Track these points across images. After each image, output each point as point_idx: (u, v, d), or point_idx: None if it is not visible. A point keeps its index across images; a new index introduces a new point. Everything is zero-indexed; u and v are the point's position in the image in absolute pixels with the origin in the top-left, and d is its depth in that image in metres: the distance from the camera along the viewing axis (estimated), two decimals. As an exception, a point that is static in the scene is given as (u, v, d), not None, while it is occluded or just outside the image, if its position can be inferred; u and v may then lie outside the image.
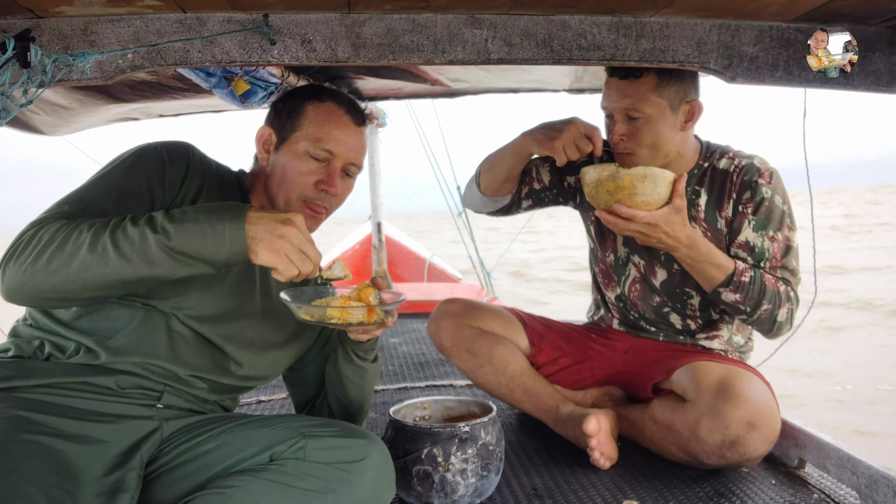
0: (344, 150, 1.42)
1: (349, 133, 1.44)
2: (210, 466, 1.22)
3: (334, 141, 1.42)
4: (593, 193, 1.63)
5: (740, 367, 1.73)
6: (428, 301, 3.79)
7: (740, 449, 1.57)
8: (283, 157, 1.42)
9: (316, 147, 1.40)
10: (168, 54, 1.34)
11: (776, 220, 1.76)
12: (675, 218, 1.61)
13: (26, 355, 1.23)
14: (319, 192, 1.41)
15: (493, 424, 1.54)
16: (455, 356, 2.02)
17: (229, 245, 1.12)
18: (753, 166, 1.78)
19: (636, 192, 1.57)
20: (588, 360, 2.01)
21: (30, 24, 1.28)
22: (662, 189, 1.59)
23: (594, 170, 1.62)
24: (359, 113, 1.48)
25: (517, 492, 1.63)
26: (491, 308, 2.09)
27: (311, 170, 1.41)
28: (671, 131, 1.75)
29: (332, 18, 1.37)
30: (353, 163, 1.45)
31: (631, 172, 1.57)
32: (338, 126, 1.43)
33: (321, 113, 1.43)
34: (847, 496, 1.55)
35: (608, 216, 1.62)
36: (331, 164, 1.42)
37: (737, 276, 1.69)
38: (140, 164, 1.30)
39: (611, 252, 2.00)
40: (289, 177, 1.41)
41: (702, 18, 1.44)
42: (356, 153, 1.46)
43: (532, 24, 1.41)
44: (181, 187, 1.33)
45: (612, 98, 1.74)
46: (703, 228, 1.83)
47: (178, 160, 1.34)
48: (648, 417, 1.79)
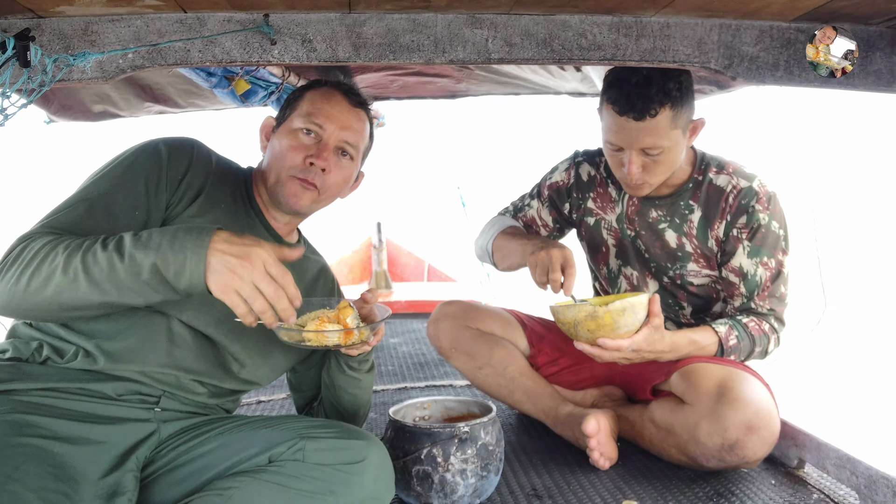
0: (335, 127, 1.42)
1: (342, 110, 1.44)
2: (209, 468, 1.22)
3: (325, 115, 1.42)
4: (571, 331, 1.60)
5: (739, 368, 1.73)
6: (428, 301, 3.79)
7: (739, 452, 1.57)
8: (277, 137, 1.44)
9: (306, 121, 1.41)
10: (168, 54, 1.34)
11: (770, 246, 1.77)
12: (656, 336, 1.62)
13: (24, 357, 1.23)
14: (307, 166, 1.39)
15: (492, 425, 1.54)
16: (454, 358, 2.01)
17: (189, 276, 1.07)
18: (752, 190, 1.76)
19: (618, 327, 1.56)
20: (587, 361, 2.00)
21: (30, 24, 1.28)
22: (641, 314, 1.58)
23: (569, 310, 1.58)
24: (355, 95, 1.48)
25: (517, 492, 1.63)
26: (490, 309, 2.09)
27: (301, 144, 1.41)
28: (682, 153, 1.74)
29: (332, 18, 1.37)
30: (347, 140, 1.43)
31: (610, 309, 1.54)
32: (329, 102, 1.44)
33: (317, 94, 1.46)
34: (847, 496, 1.55)
35: (591, 348, 1.60)
36: (322, 139, 1.41)
37: (725, 344, 1.73)
38: (138, 165, 1.30)
39: (603, 265, 2.02)
40: (279, 152, 1.41)
41: (702, 18, 1.44)
42: (350, 132, 1.44)
43: (532, 24, 1.41)
44: (179, 185, 1.32)
45: (628, 137, 1.66)
46: (694, 245, 1.83)
47: (179, 158, 1.34)
48: (647, 419, 1.79)
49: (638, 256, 1.93)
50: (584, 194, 2.00)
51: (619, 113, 1.65)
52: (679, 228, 1.84)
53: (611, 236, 1.96)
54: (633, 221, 1.90)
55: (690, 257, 1.84)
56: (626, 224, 1.91)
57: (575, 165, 2.02)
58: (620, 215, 1.92)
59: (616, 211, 1.93)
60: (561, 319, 1.61)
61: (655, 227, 1.87)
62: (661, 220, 1.86)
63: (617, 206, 1.93)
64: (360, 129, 1.47)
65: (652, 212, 1.86)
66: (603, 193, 1.96)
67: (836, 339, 6.74)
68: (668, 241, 1.85)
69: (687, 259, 1.85)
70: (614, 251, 1.97)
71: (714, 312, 1.92)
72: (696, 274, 1.86)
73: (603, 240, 1.98)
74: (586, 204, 1.99)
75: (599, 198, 1.97)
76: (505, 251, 1.95)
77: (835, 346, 6.47)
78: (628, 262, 1.95)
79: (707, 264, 1.84)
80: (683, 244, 1.84)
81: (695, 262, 1.84)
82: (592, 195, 1.98)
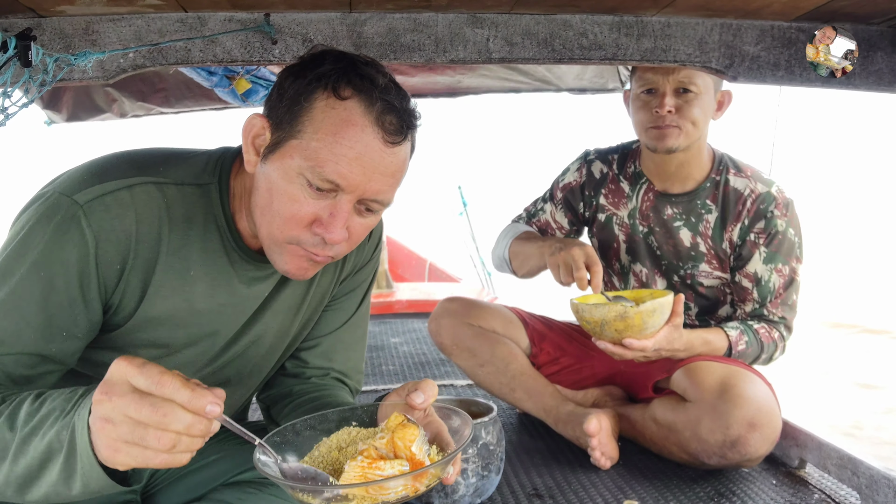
0: (361, 183, 0.93)
1: (374, 156, 0.93)
2: (212, 479, 1.17)
3: (346, 169, 0.92)
4: (596, 330, 1.59)
5: (741, 366, 1.73)
6: (428, 301, 3.79)
7: (741, 449, 1.57)
8: (272, 169, 0.95)
9: (315, 175, 0.92)
10: (169, 53, 1.34)
11: (786, 253, 1.78)
12: (675, 334, 1.63)
13: None
14: (315, 237, 0.96)
15: (493, 424, 1.54)
16: (456, 355, 2.02)
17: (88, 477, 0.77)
18: (771, 196, 1.77)
19: (646, 327, 1.56)
20: (589, 360, 2.01)
21: (31, 24, 1.28)
22: (667, 314, 1.60)
23: (597, 310, 1.56)
24: (400, 119, 0.94)
25: (517, 492, 1.63)
26: (492, 307, 2.09)
27: (307, 202, 0.94)
28: (709, 114, 1.76)
29: (333, 18, 1.36)
30: (376, 199, 0.96)
31: (641, 310, 1.53)
32: (354, 146, 0.92)
33: (334, 119, 0.92)
34: (848, 496, 1.55)
35: (613, 348, 1.60)
36: (338, 198, 0.94)
37: (734, 349, 1.75)
38: (47, 273, 0.92)
39: (615, 261, 2.01)
40: (275, 206, 0.96)
41: (703, 18, 1.44)
42: (382, 185, 0.95)
43: (533, 24, 1.41)
44: (119, 281, 0.97)
45: (664, 71, 1.70)
46: (708, 246, 1.84)
47: (111, 242, 0.95)
48: (649, 417, 1.79)
49: (649, 253, 1.93)
50: (596, 191, 2.00)
51: None
52: (694, 227, 1.84)
53: (622, 232, 1.96)
54: (647, 217, 1.90)
55: (703, 257, 1.85)
56: (638, 220, 1.92)
57: (587, 164, 2.03)
58: (633, 210, 1.92)
59: (628, 207, 1.93)
60: (587, 318, 1.59)
61: (670, 225, 1.87)
62: (677, 218, 1.86)
63: (629, 202, 1.93)
64: (400, 171, 0.98)
65: (668, 209, 1.87)
66: (615, 189, 1.97)
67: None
68: (683, 239, 1.86)
69: (700, 259, 1.85)
70: (625, 247, 1.97)
71: (720, 315, 1.93)
72: (707, 275, 1.86)
73: (614, 236, 1.98)
74: (598, 200, 2.00)
75: (611, 194, 1.97)
76: (522, 256, 1.94)
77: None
78: (638, 258, 1.95)
79: (719, 266, 1.84)
80: (698, 243, 1.84)
81: (707, 263, 1.85)
82: (604, 191, 1.98)
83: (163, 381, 0.70)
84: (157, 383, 0.70)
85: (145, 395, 0.70)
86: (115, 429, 0.71)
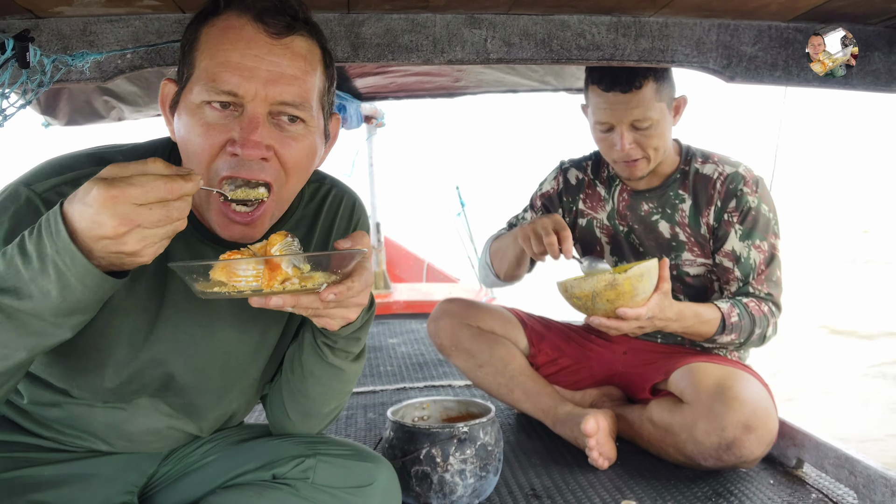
0: (255, 84, 0.92)
1: (261, 51, 0.92)
2: (210, 479, 1.17)
3: (234, 71, 0.91)
4: (589, 305, 1.56)
5: (738, 367, 1.73)
6: (427, 301, 3.79)
7: (737, 451, 1.57)
8: (181, 115, 0.96)
9: (211, 91, 0.92)
10: (167, 54, 1.33)
11: (762, 229, 1.78)
12: (665, 301, 1.62)
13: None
14: (232, 159, 0.93)
15: (491, 425, 1.54)
16: (454, 355, 2.02)
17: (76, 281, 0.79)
18: (739, 175, 1.80)
19: (637, 293, 1.55)
20: (587, 361, 2.01)
21: (29, 25, 1.27)
22: (654, 278, 1.59)
23: (585, 282, 1.53)
24: (281, 12, 0.94)
25: (515, 492, 1.63)
26: (490, 308, 2.09)
27: (214, 126, 0.93)
28: (669, 128, 1.79)
29: (331, 18, 1.36)
30: (284, 100, 0.94)
31: (629, 276, 1.52)
32: (237, 45, 0.92)
33: (215, 34, 0.94)
34: (845, 496, 1.56)
35: (609, 322, 1.58)
36: (244, 111, 0.93)
37: (727, 321, 1.72)
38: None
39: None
40: (189, 148, 0.95)
41: (701, 18, 1.44)
42: (284, 85, 0.93)
43: (531, 24, 1.41)
44: None
45: (616, 112, 1.72)
46: (687, 234, 1.85)
47: None
48: (646, 419, 1.79)
49: (633, 251, 1.94)
50: (574, 197, 2.03)
51: (605, 90, 1.71)
52: (671, 218, 1.86)
53: (604, 234, 1.98)
54: (625, 217, 1.92)
55: (685, 246, 1.86)
56: (617, 220, 1.94)
57: (562, 172, 2.07)
58: (611, 212, 1.95)
59: (606, 209, 1.96)
60: (576, 294, 1.57)
61: (648, 220, 1.89)
62: (654, 212, 1.88)
63: (607, 204, 1.96)
64: (300, 73, 0.95)
65: (643, 205, 1.89)
66: (592, 194, 2.00)
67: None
68: (662, 231, 1.87)
69: (681, 248, 1.86)
70: (608, 248, 1.98)
71: None
72: (691, 263, 1.87)
73: (597, 238, 1.99)
74: (577, 206, 2.02)
75: (589, 198, 2.00)
76: (501, 252, 1.98)
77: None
78: (623, 257, 1.96)
79: (701, 252, 1.85)
80: (677, 233, 1.86)
81: (689, 251, 1.86)
82: (582, 196, 2.01)
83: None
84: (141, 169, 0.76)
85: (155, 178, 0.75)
86: (125, 192, 0.73)
